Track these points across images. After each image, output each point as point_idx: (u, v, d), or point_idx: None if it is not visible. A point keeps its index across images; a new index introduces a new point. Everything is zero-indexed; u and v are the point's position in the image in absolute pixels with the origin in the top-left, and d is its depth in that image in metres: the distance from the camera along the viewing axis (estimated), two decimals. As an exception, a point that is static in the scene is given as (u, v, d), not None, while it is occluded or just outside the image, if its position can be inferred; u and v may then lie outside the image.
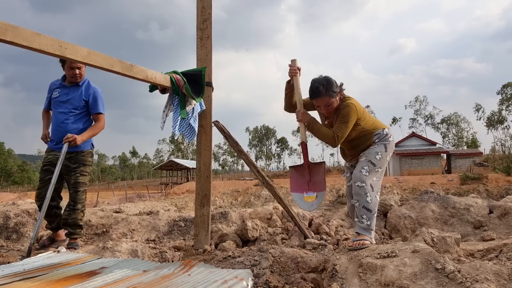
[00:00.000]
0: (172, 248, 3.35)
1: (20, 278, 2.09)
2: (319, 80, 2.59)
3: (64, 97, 3.41)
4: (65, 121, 3.37)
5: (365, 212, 2.57)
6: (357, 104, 2.64)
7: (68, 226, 3.44)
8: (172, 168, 45.17)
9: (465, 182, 20.49)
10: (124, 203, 18.60)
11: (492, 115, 67.47)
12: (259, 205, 15.79)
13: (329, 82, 2.57)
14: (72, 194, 3.43)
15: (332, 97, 2.57)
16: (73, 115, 3.40)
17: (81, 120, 3.44)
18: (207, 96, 3.39)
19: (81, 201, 3.45)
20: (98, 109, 3.47)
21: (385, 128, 2.78)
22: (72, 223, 3.42)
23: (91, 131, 3.43)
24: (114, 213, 5.10)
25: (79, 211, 3.45)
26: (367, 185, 2.59)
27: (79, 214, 3.45)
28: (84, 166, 3.47)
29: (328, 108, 2.62)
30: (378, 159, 2.66)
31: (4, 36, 1.79)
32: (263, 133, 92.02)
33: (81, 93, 3.42)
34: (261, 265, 2.33)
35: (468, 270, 1.85)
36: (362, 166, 2.65)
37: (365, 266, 2.03)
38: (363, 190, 2.58)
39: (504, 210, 3.84)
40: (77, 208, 3.43)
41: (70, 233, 3.45)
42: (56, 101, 3.44)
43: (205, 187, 3.32)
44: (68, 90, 3.43)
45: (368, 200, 2.56)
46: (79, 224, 3.47)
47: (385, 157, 2.70)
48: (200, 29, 3.38)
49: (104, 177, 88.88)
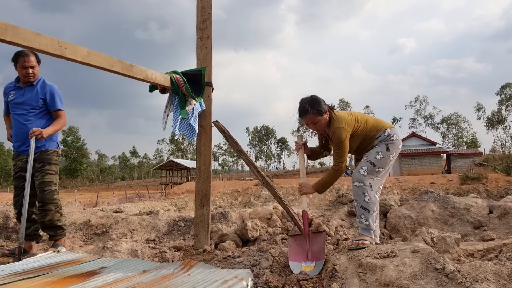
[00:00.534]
0: (172, 248, 3.35)
1: (20, 278, 2.09)
2: (306, 100, 2.70)
3: (20, 99, 3.29)
4: (25, 122, 3.26)
5: (363, 212, 2.58)
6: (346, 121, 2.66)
7: (46, 229, 3.33)
8: (172, 168, 45.16)
9: (465, 182, 20.51)
10: (124, 203, 18.61)
11: (493, 115, 67.51)
12: (259, 205, 15.79)
13: (316, 101, 2.67)
14: (39, 195, 3.28)
15: (318, 115, 2.65)
16: (32, 115, 3.29)
17: (42, 119, 3.33)
18: (207, 96, 3.39)
19: (52, 201, 3.29)
20: (56, 106, 3.36)
21: (387, 129, 2.77)
22: (49, 224, 3.29)
23: (54, 126, 3.33)
24: (114, 213, 5.11)
25: (53, 212, 3.29)
26: (365, 184, 2.60)
27: (54, 215, 3.31)
28: (50, 164, 3.34)
29: (316, 125, 2.70)
30: (378, 158, 2.66)
31: (4, 36, 1.79)
32: (263, 133, 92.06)
33: (37, 92, 3.31)
34: (261, 265, 2.33)
35: (468, 270, 1.85)
36: (361, 166, 2.67)
37: (365, 266, 2.04)
38: (361, 190, 2.59)
39: (504, 210, 3.84)
40: (48, 208, 3.28)
41: (52, 236, 3.36)
42: (12, 104, 3.32)
43: (205, 187, 3.33)
44: (23, 91, 3.31)
45: (366, 199, 2.57)
46: (57, 225, 3.34)
47: (387, 157, 2.69)
48: (200, 29, 3.38)
49: (104, 177, 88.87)
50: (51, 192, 3.30)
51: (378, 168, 2.66)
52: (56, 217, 3.32)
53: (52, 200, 3.29)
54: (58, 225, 3.35)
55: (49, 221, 3.28)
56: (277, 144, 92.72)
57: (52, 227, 3.33)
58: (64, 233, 3.48)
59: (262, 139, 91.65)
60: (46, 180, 3.29)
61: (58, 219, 3.34)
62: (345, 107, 79.17)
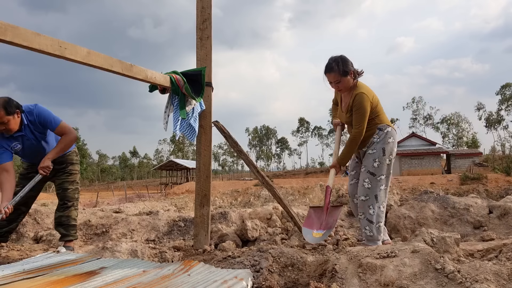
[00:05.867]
0: (172, 248, 3.35)
1: (20, 278, 2.09)
2: (335, 58, 2.68)
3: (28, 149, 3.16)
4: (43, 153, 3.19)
5: (367, 224, 2.63)
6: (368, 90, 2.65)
7: (61, 227, 3.31)
8: (172, 168, 45.15)
9: (464, 182, 20.52)
10: (123, 203, 18.61)
11: (490, 115, 67.56)
12: (258, 205, 15.79)
13: (344, 60, 2.64)
14: (61, 194, 3.31)
15: (342, 75, 2.61)
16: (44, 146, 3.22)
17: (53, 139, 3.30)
18: (207, 96, 3.39)
19: (72, 199, 3.33)
20: (52, 125, 3.12)
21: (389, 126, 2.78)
22: (66, 221, 3.29)
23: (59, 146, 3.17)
24: (114, 213, 5.10)
25: (72, 208, 3.33)
26: (371, 198, 2.64)
27: (73, 212, 3.33)
28: (72, 164, 3.39)
29: (338, 85, 2.68)
30: (376, 166, 2.67)
31: (4, 36, 1.79)
32: (263, 133, 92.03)
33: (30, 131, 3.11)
34: (261, 265, 2.33)
35: (468, 270, 1.85)
36: (363, 178, 2.69)
37: (365, 266, 2.04)
38: (367, 203, 2.65)
39: (504, 210, 3.84)
40: (68, 205, 3.31)
41: (64, 235, 3.33)
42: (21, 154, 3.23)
43: (205, 187, 3.32)
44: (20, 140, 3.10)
45: (371, 212, 2.63)
46: (71, 224, 3.34)
47: (384, 162, 2.69)
48: (200, 29, 3.38)
49: (104, 177, 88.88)
50: (73, 191, 3.37)
51: (379, 177, 2.67)
52: (74, 215, 3.36)
53: (73, 198, 3.36)
54: (73, 223, 3.37)
55: (67, 217, 3.30)
56: (277, 144, 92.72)
57: (67, 225, 3.33)
58: (76, 235, 3.48)
59: (262, 139, 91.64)
60: (70, 180, 3.36)
61: (74, 218, 3.37)
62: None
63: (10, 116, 2.90)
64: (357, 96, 2.59)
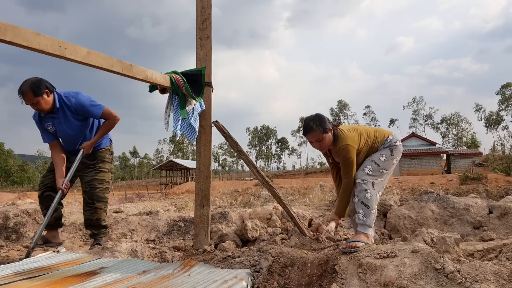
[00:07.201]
0: (171, 248, 3.35)
1: (20, 278, 2.09)
2: (311, 117, 2.73)
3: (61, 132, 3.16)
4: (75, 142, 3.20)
5: (362, 207, 2.61)
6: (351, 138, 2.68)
7: (92, 227, 3.33)
8: (172, 168, 45.15)
9: (464, 182, 20.54)
10: (123, 203, 18.59)
11: (490, 115, 67.57)
12: (258, 205, 15.79)
13: (320, 118, 2.70)
14: (88, 192, 3.25)
15: (322, 133, 2.66)
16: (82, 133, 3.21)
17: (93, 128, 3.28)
18: (207, 96, 3.39)
19: (101, 199, 3.28)
20: (94, 112, 3.16)
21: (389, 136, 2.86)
22: (96, 223, 3.29)
23: (100, 131, 3.23)
24: (114, 213, 5.10)
25: (102, 210, 3.29)
26: (369, 182, 2.64)
27: (102, 214, 3.29)
28: (103, 162, 3.33)
29: (320, 143, 2.71)
30: (382, 160, 2.73)
31: (4, 36, 1.79)
32: (263, 133, 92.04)
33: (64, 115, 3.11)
34: (261, 265, 2.33)
35: (468, 270, 1.85)
36: (366, 165, 2.73)
37: (365, 266, 2.04)
38: (364, 186, 2.63)
39: (504, 210, 3.84)
40: (97, 206, 3.25)
41: (95, 234, 3.36)
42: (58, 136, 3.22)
43: (205, 187, 3.32)
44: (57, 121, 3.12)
45: (368, 196, 2.60)
46: (102, 225, 3.35)
47: (391, 160, 2.76)
48: (199, 29, 3.38)
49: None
50: (102, 190, 3.30)
51: (382, 169, 2.71)
52: (103, 216, 3.33)
53: (102, 198, 3.30)
54: (103, 224, 3.36)
55: (96, 220, 3.28)
56: (277, 144, 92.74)
57: (98, 226, 3.33)
58: (106, 231, 3.49)
59: (262, 139, 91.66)
60: (99, 178, 3.28)
61: (104, 219, 3.35)
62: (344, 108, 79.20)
63: (39, 97, 2.96)
64: (343, 150, 2.66)
